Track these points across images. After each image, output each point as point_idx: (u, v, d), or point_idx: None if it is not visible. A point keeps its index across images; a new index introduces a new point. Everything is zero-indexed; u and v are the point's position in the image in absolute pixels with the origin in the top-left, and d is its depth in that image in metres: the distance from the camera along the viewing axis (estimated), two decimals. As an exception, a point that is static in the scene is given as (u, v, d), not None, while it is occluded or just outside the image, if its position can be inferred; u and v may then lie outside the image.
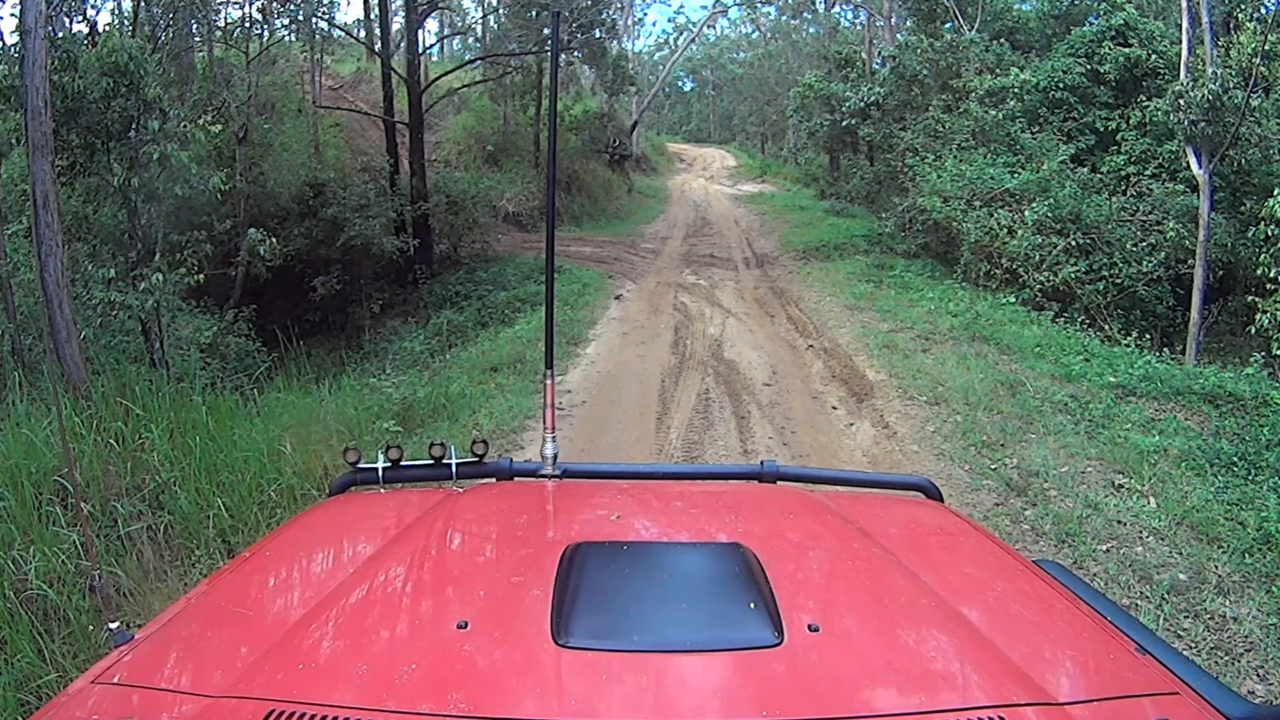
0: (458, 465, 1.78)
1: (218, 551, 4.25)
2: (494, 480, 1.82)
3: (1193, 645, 3.74)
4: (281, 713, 0.93)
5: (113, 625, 1.18)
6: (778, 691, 0.98)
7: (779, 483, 1.80)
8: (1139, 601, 4.06)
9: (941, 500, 1.80)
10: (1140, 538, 4.69)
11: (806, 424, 6.72)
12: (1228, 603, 4.06)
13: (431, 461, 1.77)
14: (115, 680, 1.06)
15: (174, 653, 1.15)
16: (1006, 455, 5.86)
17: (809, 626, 1.08)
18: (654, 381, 7.88)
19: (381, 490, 1.73)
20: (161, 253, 7.74)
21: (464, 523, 1.52)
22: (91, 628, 3.46)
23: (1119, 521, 4.85)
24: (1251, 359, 7.66)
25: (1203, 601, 4.06)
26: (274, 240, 9.59)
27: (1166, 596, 4.09)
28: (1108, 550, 4.54)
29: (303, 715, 0.92)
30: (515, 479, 1.82)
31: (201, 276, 7.85)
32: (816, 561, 1.39)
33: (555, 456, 1.82)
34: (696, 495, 1.72)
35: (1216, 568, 4.36)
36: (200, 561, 4.13)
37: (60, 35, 7.86)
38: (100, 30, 8.97)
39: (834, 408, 7.11)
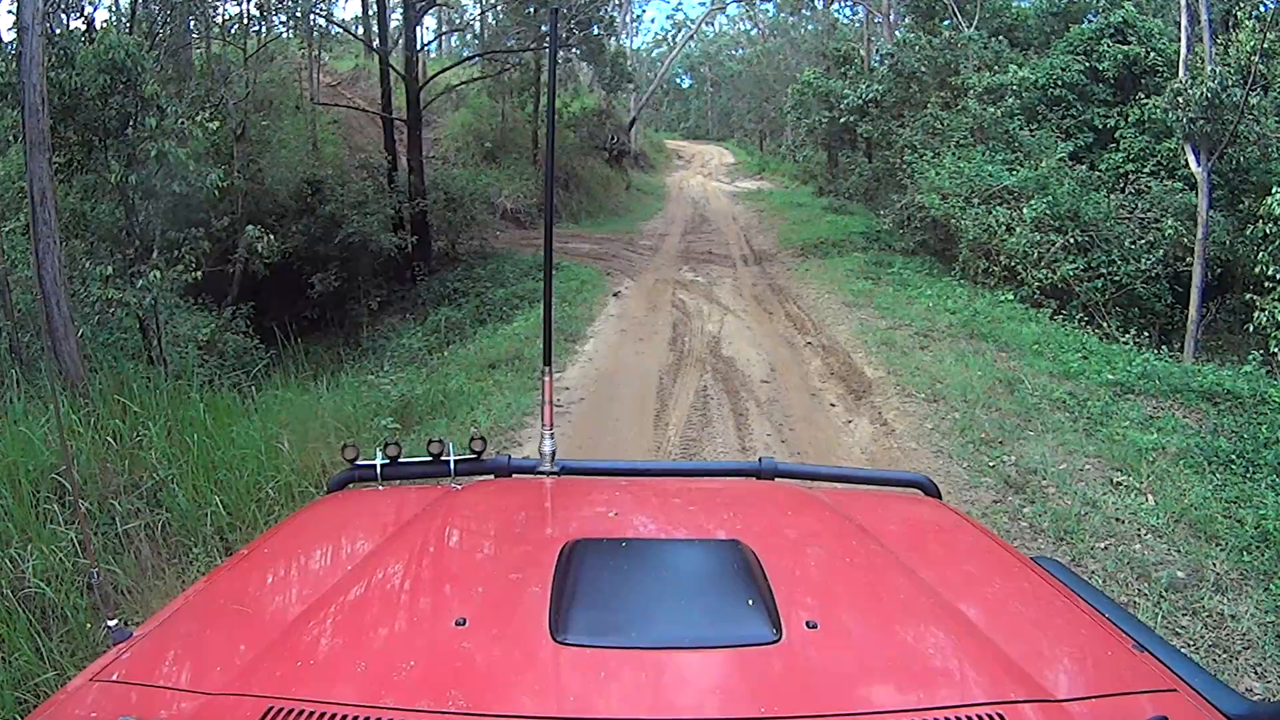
0: (456, 462, 1.78)
1: (215, 549, 4.24)
2: (492, 477, 1.82)
3: (1191, 643, 3.74)
4: (280, 710, 0.93)
5: (111, 623, 1.18)
6: (776, 688, 0.98)
7: (777, 479, 1.80)
8: (1137, 599, 4.06)
9: (940, 497, 1.80)
10: (1138, 535, 4.69)
11: (805, 421, 6.72)
12: (1226, 600, 4.07)
13: (430, 458, 1.78)
14: (114, 678, 1.06)
15: (173, 650, 1.15)
16: (1005, 452, 5.87)
17: (807, 623, 1.08)
18: (652, 379, 7.87)
19: (380, 487, 1.73)
20: (159, 250, 7.72)
21: (462, 520, 1.52)
22: (89, 626, 3.45)
23: (1117, 519, 4.86)
24: (1249, 357, 7.67)
25: (1201, 599, 4.07)
26: (272, 237, 9.59)
27: (1165, 594, 4.09)
28: (1106, 548, 4.55)
29: (301, 713, 0.92)
30: (513, 476, 1.82)
31: (199, 274, 7.83)
32: (815, 558, 1.39)
33: (553, 453, 1.82)
34: (695, 492, 1.72)
35: (1214, 565, 4.36)
36: (198, 559, 4.12)
37: (58, 32, 7.83)
38: (98, 27, 8.93)
39: (832, 405, 7.11)
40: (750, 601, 1.10)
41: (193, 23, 14.51)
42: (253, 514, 4.48)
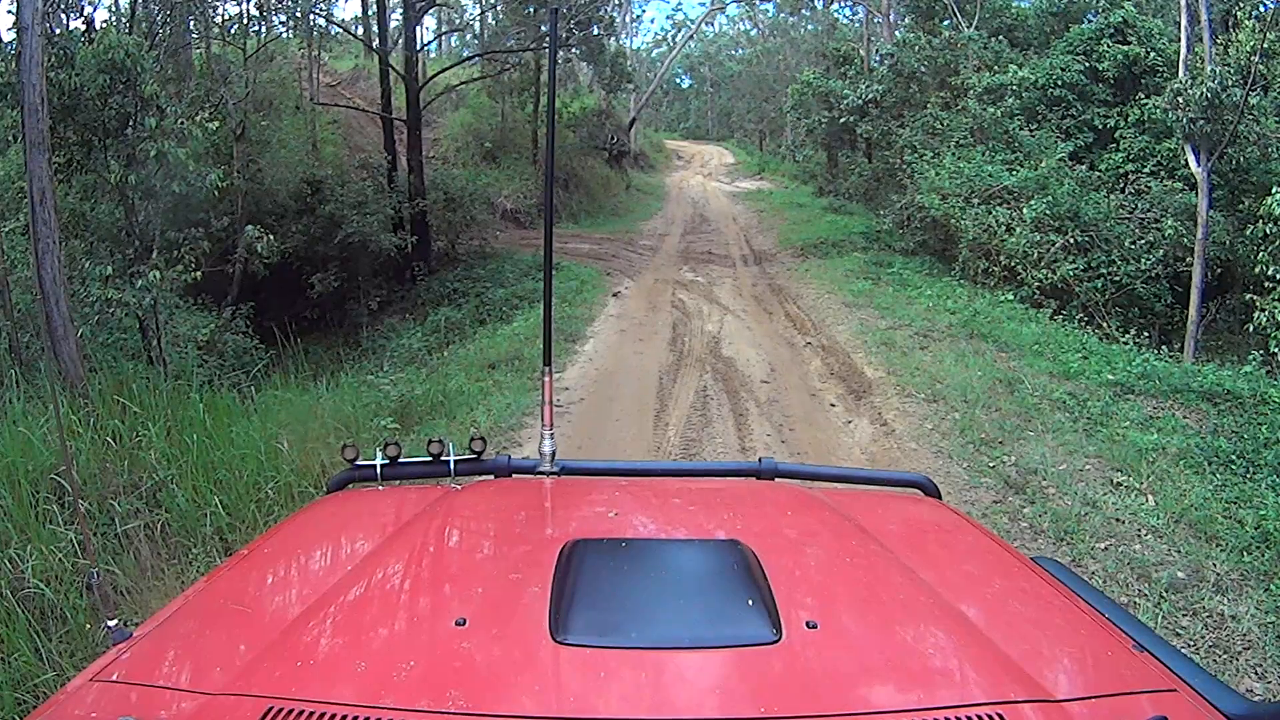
0: (456, 462, 1.78)
1: (215, 550, 4.24)
2: (492, 477, 1.82)
3: (1191, 643, 3.74)
4: (280, 710, 0.93)
5: (111, 623, 1.18)
6: (775, 688, 0.98)
7: (777, 479, 1.80)
8: (1137, 599, 4.06)
9: (940, 497, 1.80)
10: (1139, 535, 4.69)
11: (804, 421, 6.71)
12: (1226, 601, 4.07)
13: (430, 459, 1.78)
14: (114, 678, 1.06)
15: (172, 650, 1.15)
16: (1005, 453, 5.86)
17: (807, 623, 1.08)
18: (652, 379, 7.87)
19: (380, 487, 1.73)
20: (159, 250, 7.72)
21: (462, 520, 1.52)
22: (89, 626, 3.45)
23: (1117, 519, 4.85)
24: (1249, 357, 7.67)
25: (1201, 599, 4.07)
26: (271, 237, 9.58)
27: (1165, 594, 4.09)
28: (1106, 548, 4.54)
29: (301, 713, 0.92)
30: (513, 476, 1.82)
31: (199, 274, 7.82)
32: (815, 558, 1.39)
33: (553, 453, 1.82)
34: (695, 492, 1.72)
35: (1215, 566, 4.36)
36: (197, 560, 4.12)
37: (58, 32, 7.82)
38: (97, 27, 8.92)
39: (832, 405, 7.10)
40: (750, 602, 1.10)
41: (192, 23, 14.49)
42: (252, 515, 4.48)
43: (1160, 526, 4.76)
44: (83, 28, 8.71)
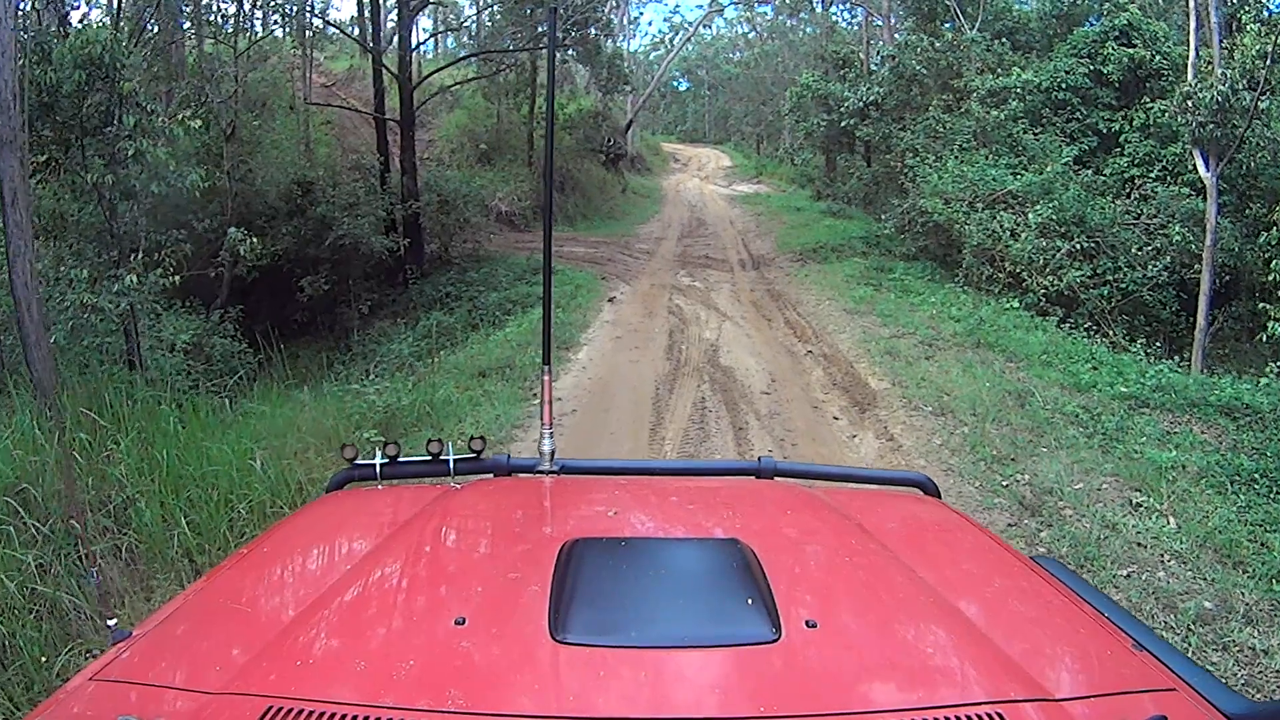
0: (455, 461, 1.80)
1: (184, 572, 4.01)
2: (492, 476, 1.83)
3: (1223, 680, 3.50)
4: (279, 709, 0.93)
5: (111, 622, 1.19)
6: (775, 687, 0.98)
7: (776, 478, 1.81)
8: (1165, 632, 3.82)
9: (939, 496, 1.80)
10: (1162, 561, 4.45)
11: (807, 435, 6.48)
12: (1257, 634, 3.83)
13: (429, 458, 1.79)
14: (113, 677, 1.06)
15: (172, 650, 1.16)
16: (1018, 471, 5.62)
17: (806, 622, 1.08)
18: (648, 389, 7.63)
19: (379, 486, 1.74)
20: (144, 252, 7.46)
21: (461, 519, 1.53)
22: (44, 660, 3.25)
23: (1139, 544, 4.62)
24: (1266, 369, 7.42)
25: (1231, 632, 3.84)
26: (255, 240, 9.30)
27: (1193, 627, 3.87)
28: (1129, 575, 4.31)
29: (300, 712, 0.93)
30: (513, 475, 1.83)
31: (178, 277, 7.54)
32: (814, 557, 1.41)
33: (553, 452, 1.83)
34: (694, 491, 1.73)
35: (1243, 595, 4.13)
36: (161, 585, 3.87)
37: (44, 26, 7.59)
38: (87, 23, 8.68)
39: (835, 418, 6.87)
40: (749, 600, 1.11)
41: (186, 24, 14.29)
42: (224, 535, 4.25)
43: (1184, 551, 4.52)
44: (63, 22, 8.46)
